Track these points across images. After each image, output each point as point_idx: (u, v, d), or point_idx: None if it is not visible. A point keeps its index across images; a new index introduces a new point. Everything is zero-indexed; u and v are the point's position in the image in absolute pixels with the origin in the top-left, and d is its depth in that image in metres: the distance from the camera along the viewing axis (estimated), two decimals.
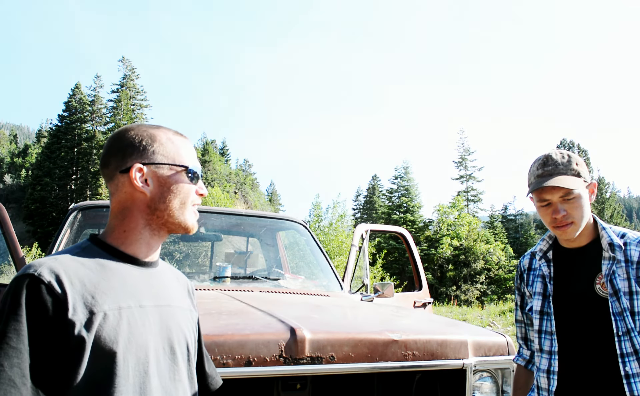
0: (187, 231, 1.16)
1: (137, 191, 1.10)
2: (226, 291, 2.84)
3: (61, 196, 46.93)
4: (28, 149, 64.04)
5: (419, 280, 4.18)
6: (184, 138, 1.19)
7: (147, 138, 1.13)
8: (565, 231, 1.64)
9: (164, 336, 1.09)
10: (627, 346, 1.56)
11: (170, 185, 1.12)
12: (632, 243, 1.64)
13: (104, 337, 0.97)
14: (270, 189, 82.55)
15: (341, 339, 1.77)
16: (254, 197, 60.75)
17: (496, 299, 30.58)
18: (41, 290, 0.94)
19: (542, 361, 1.71)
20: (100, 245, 1.11)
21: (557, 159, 1.66)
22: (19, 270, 2.59)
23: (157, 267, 1.18)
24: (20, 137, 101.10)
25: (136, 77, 51.78)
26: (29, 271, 0.97)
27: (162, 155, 1.13)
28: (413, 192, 46.71)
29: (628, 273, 1.60)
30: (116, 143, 1.14)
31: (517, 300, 1.91)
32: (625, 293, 1.59)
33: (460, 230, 37.47)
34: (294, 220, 3.98)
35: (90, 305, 0.98)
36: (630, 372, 1.54)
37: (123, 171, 1.11)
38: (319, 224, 22.17)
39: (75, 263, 1.03)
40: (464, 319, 16.51)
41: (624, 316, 1.57)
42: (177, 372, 1.11)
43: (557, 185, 1.60)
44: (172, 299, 1.17)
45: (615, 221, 43.92)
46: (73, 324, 0.95)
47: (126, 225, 1.11)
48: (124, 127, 1.17)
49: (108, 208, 1.16)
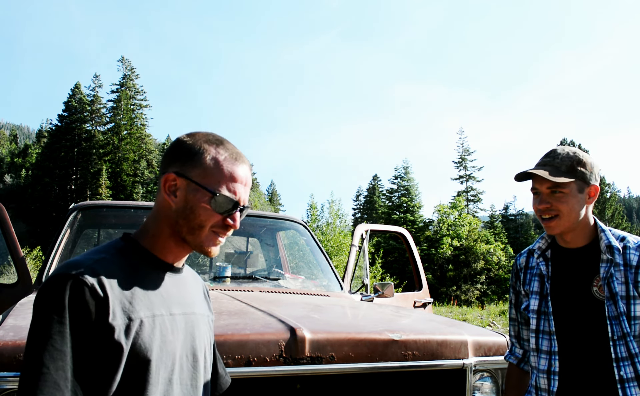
0: (203, 253, 1.11)
1: (166, 199, 1.09)
2: (226, 291, 2.84)
3: (61, 196, 46.94)
4: (28, 149, 63.97)
5: (419, 280, 4.18)
6: (238, 164, 1.11)
7: (198, 150, 1.08)
8: (549, 224, 1.64)
9: (188, 345, 1.10)
10: (623, 351, 1.55)
11: (192, 204, 1.07)
12: (631, 247, 1.63)
13: (139, 345, 0.96)
14: (270, 189, 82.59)
15: (341, 339, 1.77)
16: (254, 197, 60.75)
17: (496, 299, 30.62)
18: (85, 292, 0.93)
19: (540, 362, 1.70)
20: (134, 246, 1.09)
21: (559, 153, 1.67)
22: (21, 273, 2.60)
23: (183, 272, 1.18)
24: (20, 137, 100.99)
25: (136, 77, 51.83)
26: (71, 272, 0.94)
27: (198, 172, 1.07)
28: (413, 192, 46.72)
29: (626, 277, 1.59)
30: (175, 143, 1.12)
31: (512, 298, 1.90)
32: (622, 297, 1.58)
33: (461, 230, 37.48)
34: (294, 220, 3.98)
35: (128, 311, 0.97)
36: (625, 377, 1.53)
37: (163, 174, 1.11)
38: (317, 224, 22.20)
39: (113, 266, 1.01)
40: (464, 319, 16.52)
41: (619, 320, 1.56)
42: (198, 379, 1.12)
43: (538, 174, 1.62)
44: (195, 306, 1.17)
45: (615, 221, 43.90)
46: (113, 329, 0.93)
47: (155, 230, 1.10)
48: (197, 131, 1.14)
49: (108, 208, 1.17)
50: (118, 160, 48.18)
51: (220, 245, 1.13)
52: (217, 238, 1.10)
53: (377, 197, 60.15)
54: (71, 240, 3.11)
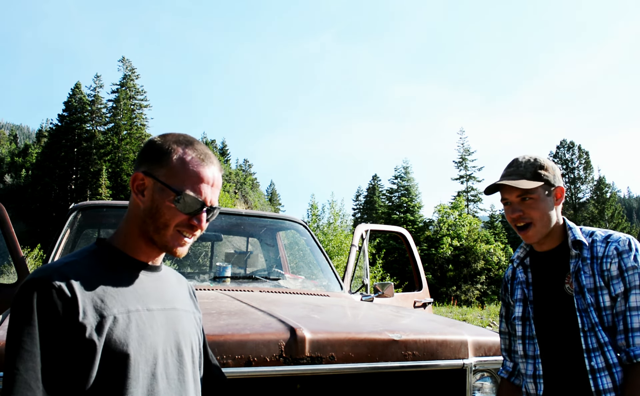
0: (170, 253, 1.11)
1: (134, 199, 1.11)
2: (226, 291, 2.84)
3: (61, 196, 46.94)
4: (28, 149, 64.00)
5: (419, 280, 4.18)
6: (205, 165, 1.12)
7: (166, 149, 1.10)
8: (526, 234, 1.68)
9: (171, 339, 1.10)
10: (593, 342, 1.57)
11: (157, 203, 1.08)
12: (598, 240, 1.66)
13: (114, 340, 0.98)
14: (270, 189, 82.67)
15: (341, 339, 1.77)
16: (254, 197, 60.78)
17: (496, 299, 30.61)
18: (52, 294, 0.95)
19: (527, 367, 1.74)
20: (107, 248, 1.11)
21: (521, 161, 1.71)
22: (21, 273, 2.60)
23: (161, 271, 1.19)
24: (20, 137, 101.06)
25: (136, 77, 51.84)
26: (38, 275, 0.97)
27: (164, 172, 1.09)
28: (413, 192, 46.72)
29: (593, 269, 1.62)
30: (147, 144, 1.15)
31: (502, 311, 1.93)
32: (589, 290, 1.60)
33: (461, 230, 37.49)
34: (294, 220, 3.98)
35: (100, 309, 0.99)
36: (595, 367, 1.56)
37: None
38: (317, 224, 22.20)
39: (84, 268, 1.03)
40: (464, 319, 16.52)
41: (588, 312, 1.59)
42: (185, 374, 1.12)
43: (506, 184, 1.65)
44: (177, 302, 1.18)
45: (615, 221, 43.82)
46: (84, 327, 0.95)
47: (127, 230, 1.13)
48: (167, 132, 1.16)
49: (108, 208, 1.18)
50: (118, 160, 48.18)
51: (187, 246, 1.13)
52: (182, 238, 1.11)
53: (377, 197, 60.16)
54: (71, 240, 3.11)
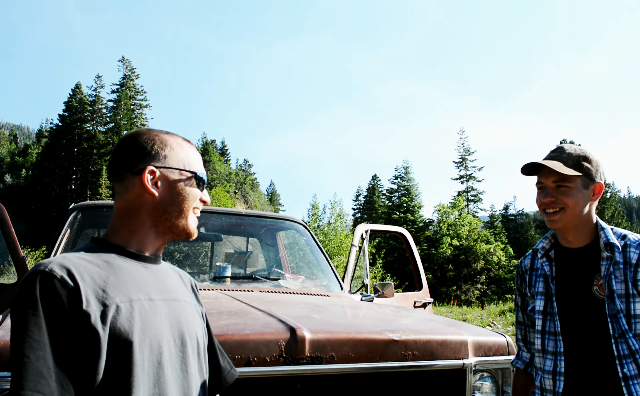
0: (188, 236, 1.20)
1: (146, 193, 1.13)
2: (226, 291, 2.84)
3: (61, 196, 46.93)
4: (28, 149, 64.02)
5: (419, 280, 4.18)
6: (192, 146, 1.24)
7: (159, 142, 1.17)
8: (553, 218, 1.64)
9: (174, 329, 1.11)
10: (624, 348, 1.55)
11: (179, 189, 1.16)
12: (632, 244, 1.63)
13: (118, 328, 0.99)
14: (270, 189, 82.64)
15: (341, 339, 1.77)
16: (254, 197, 60.75)
17: (496, 299, 30.60)
18: (54, 284, 0.96)
19: (546, 363, 1.70)
20: (104, 245, 1.13)
21: (566, 149, 1.69)
22: (21, 273, 2.60)
23: (161, 264, 1.21)
24: (20, 137, 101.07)
25: (136, 77, 51.82)
26: (39, 268, 0.98)
27: (174, 160, 1.17)
28: (413, 192, 46.74)
29: (626, 275, 1.59)
30: (128, 145, 1.17)
31: (518, 301, 1.89)
32: (620, 296, 1.58)
33: (461, 230, 37.49)
34: (294, 220, 3.98)
35: (102, 299, 1.00)
36: (628, 374, 1.54)
37: (135, 173, 1.14)
38: (317, 224, 22.19)
39: (83, 261, 1.05)
40: (464, 319, 16.52)
41: (618, 318, 1.57)
42: (188, 364, 1.13)
43: (546, 166, 1.62)
44: (179, 294, 1.19)
45: (615, 221, 43.87)
46: (88, 316, 0.96)
47: (132, 225, 1.14)
48: (136, 130, 1.21)
49: (108, 208, 1.19)
50: None
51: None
52: (196, 218, 1.21)
53: (377, 197, 60.16)
54: (71, 240, 3.11)
